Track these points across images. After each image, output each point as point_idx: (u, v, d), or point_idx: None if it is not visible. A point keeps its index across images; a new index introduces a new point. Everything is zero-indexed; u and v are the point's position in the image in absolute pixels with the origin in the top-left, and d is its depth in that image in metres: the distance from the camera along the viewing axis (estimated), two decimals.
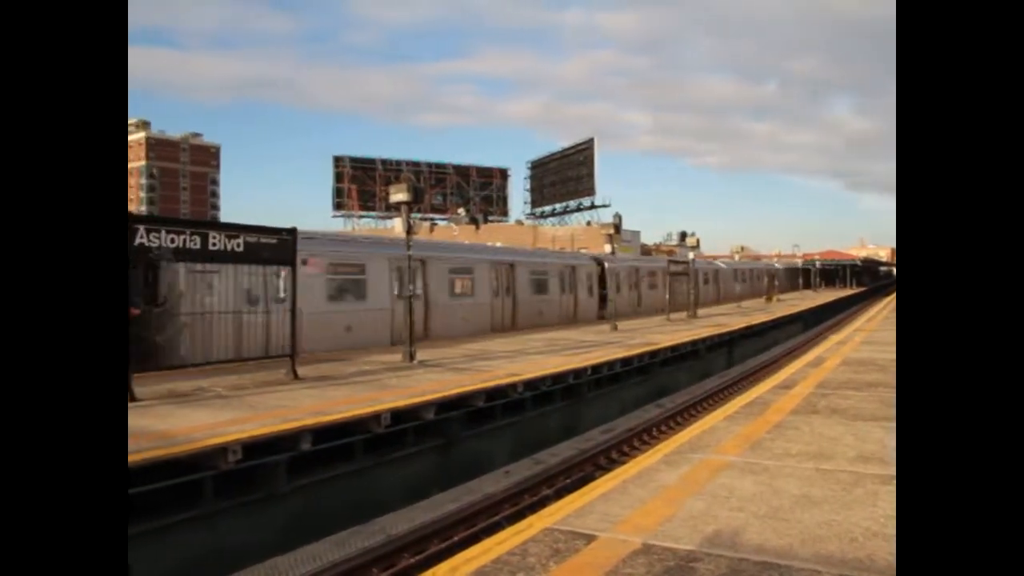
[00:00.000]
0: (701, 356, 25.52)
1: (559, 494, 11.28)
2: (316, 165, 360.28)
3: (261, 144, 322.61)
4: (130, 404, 11.01)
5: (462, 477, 12.57)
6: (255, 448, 9.25)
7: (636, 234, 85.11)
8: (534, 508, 10.69)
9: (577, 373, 16.93)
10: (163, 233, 11.66)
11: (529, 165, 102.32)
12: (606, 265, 34.57)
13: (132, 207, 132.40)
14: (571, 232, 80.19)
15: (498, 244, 43.69)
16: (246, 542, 9.35)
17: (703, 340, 25.55)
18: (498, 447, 14.39)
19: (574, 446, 14.94)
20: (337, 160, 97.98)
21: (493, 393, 13.86)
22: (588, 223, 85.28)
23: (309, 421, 10.09)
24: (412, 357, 16.47)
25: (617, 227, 59.53)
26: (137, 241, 11.27)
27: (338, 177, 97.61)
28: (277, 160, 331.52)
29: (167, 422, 9.80)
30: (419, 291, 21.50)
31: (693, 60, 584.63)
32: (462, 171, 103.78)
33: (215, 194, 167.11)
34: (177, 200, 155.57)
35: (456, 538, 9.50)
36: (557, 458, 13.74)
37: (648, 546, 5.47)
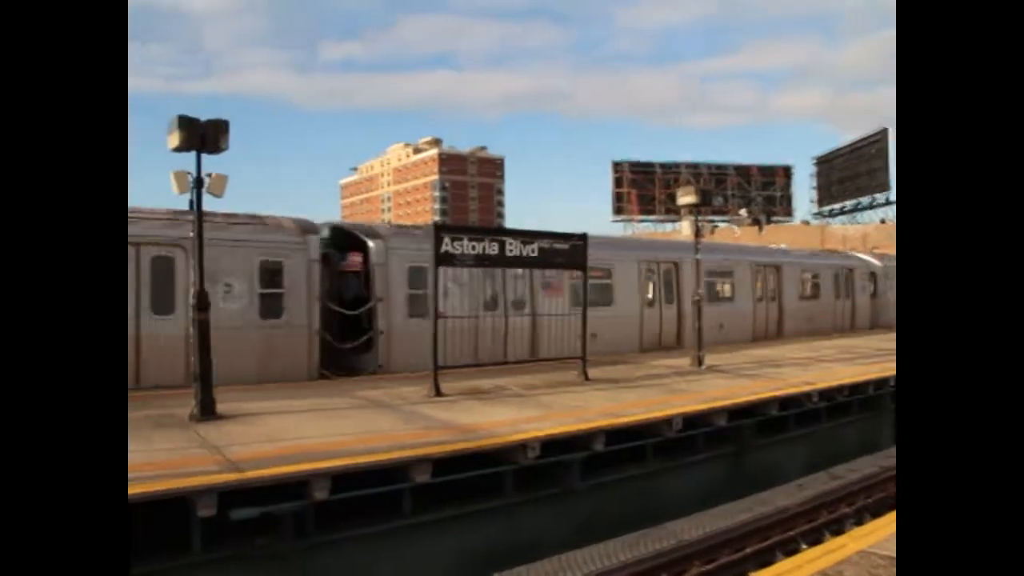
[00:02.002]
0: None
1: (859, 514, 10.56)
2: (593, 171, 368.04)
3: (540, 154, 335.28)
4: (436, 398, 11.96)
5: (752, 487, 12.16)
6: (552, 445, 9.62)
7: None
8: (832, 527, 10.08)
9: (878, 384, 15.72)
10: (465, 241, 12.51)
11: (814, 161, 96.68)
12: (878, 266, 30.93)
13: (426, 218, 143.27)
14: (863, 231, 74.63)
15: (782, 245, 41.64)
16: (541, 535, 9.74)
17: None
18: (791, 458, 13.76)
19: (875, 463, 13.86)
20: (616, 165, 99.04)
21: (787, 402, 13.29)
22: (882, 221, 78.89)
23: (603, 422, 10.32)
24: (700, 362, 16.25)
25: None
26: (442, 249, 12.22)
27: (617, 182, 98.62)
28: (555, 168, 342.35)
29: (471, 416, 10.51)
30: (672, 295, 21.03)
31: None
32: (743, 171, 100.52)
33: (500, 203, 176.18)
34: (466, 210, 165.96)
35: (748, 550, 9.21)
36: (856, 474, 12.84)
37: None
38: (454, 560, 9.05)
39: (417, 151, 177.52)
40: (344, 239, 16.27)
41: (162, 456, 8.12)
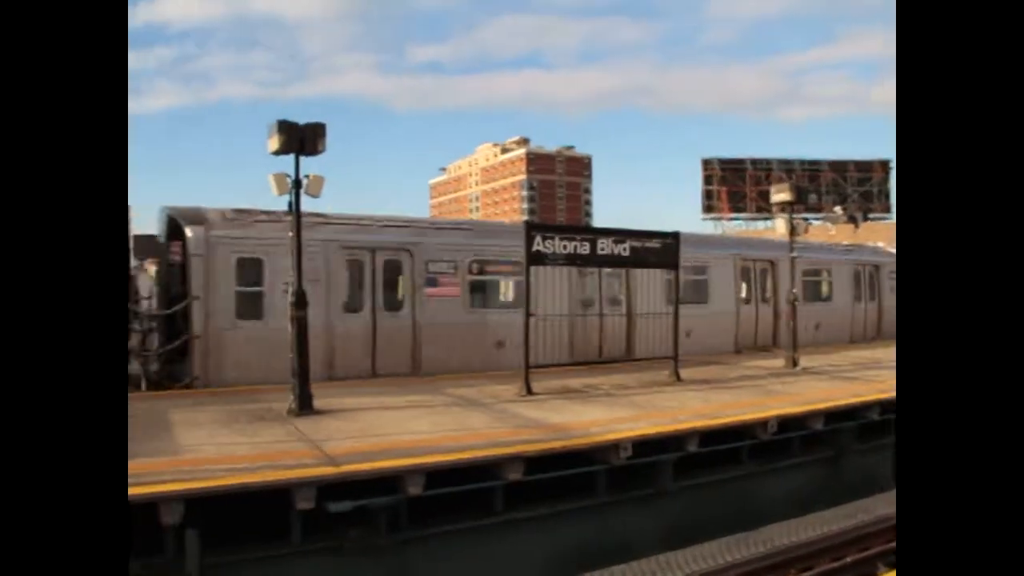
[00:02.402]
0: None
1: None
2: (682, 168, 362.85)
3: (628, 151, 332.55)
4: (527, 397, 12.01)
5: (851, 494, 11.76)
6: (645, 445, 9.54)
7: None
8: None
9: None
10: (556, 240, 12.51)
11: None
12: None
13: (514, 217, 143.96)
14: None
15: (879, 244, 40.21)
16: (632, 535, 9.65)
17: None
18: (892, 466, 13.27)
19: None
20: (706, 163, 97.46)
21: (889, 405, 12.82)
22: None
23: (697, 423, 10.17)
24: (795, 363, 15.85)
25: None
26: (534, 248, 12.25)
27: (707, 179, 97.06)
28: (643, 166, 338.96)
29: (562, 415, 10.51)
30: (768, 294, 20.50)
31: None
32: (837, 166, 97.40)
33: (587, 202, 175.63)
34: (554, 209, 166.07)
35: (848, 559, 8.93)
36: None
37: None
38: (544, 558, 9.06)
39: (505, 151, 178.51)
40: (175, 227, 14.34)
41: (264, 449, 8.41)
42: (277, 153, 10.43)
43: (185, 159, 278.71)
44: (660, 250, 13.76)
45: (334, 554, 7.96)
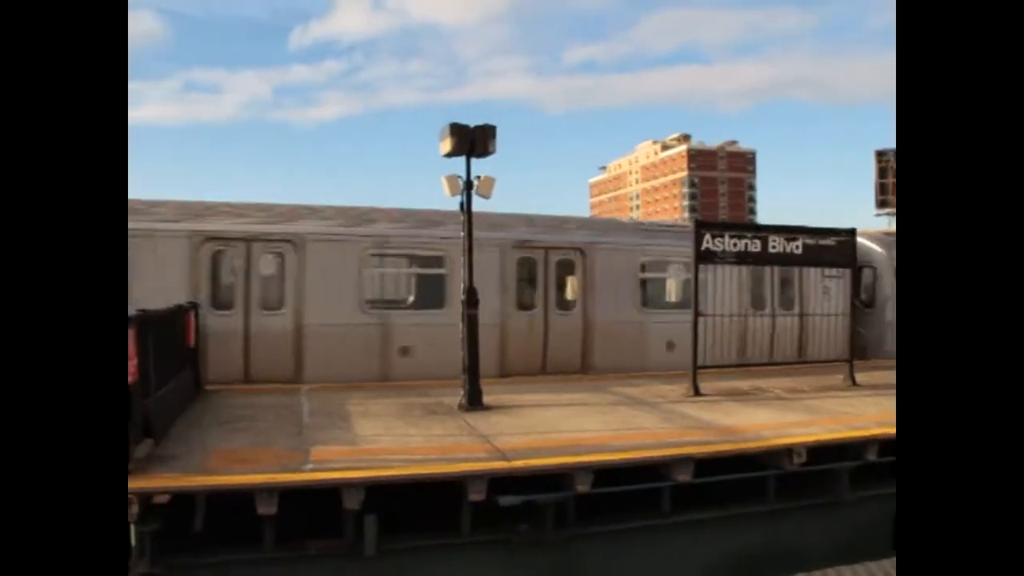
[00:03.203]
0: None
1: None
2: (852, 161, 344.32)
3: (793, 144, 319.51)
4: (694, 398, 11.82)
5: None
6: (820, 452, 9.16)
7: None
8: None
9: None
10: (726, 237, 12.24)
11: None
12: None
13: (675, 216, 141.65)
14: None
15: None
16: (804, 545, 9.30)
17: None
18: None
19: None
20: (879, 154, 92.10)
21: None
22: None
23: (877, 431, 9.66)
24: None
25: None
26: (703, 246, 12.05)
27: (881, 172, 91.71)
28: (809, 159, 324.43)
29: (732, 418, 10.28)
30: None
31: None
32: None
33: (752, 199, 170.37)
34: (716, 206, 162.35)
35: None
36: None
37: None
38: (710, 562, 8.88)
39: (665, 147, 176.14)
40: None
41: (437, 442, 8.73)
42: (449, 155, 10.78)
43: (354, 163, 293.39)
44: (835, 248, 13.16)
45: (503, 547, 8.14)
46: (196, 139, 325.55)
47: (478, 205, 11.21)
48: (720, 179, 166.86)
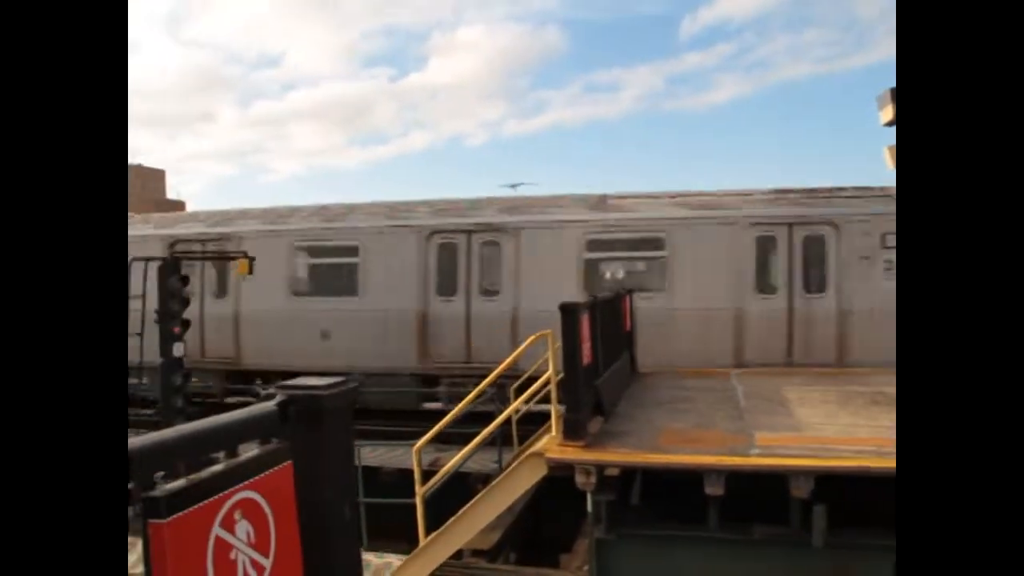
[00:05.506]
0: None
1: None
2: None
3: None
4: None
5: None
6: None
7: None
8: None
9: None
10: None
11: None
12: None
13: None
14: None
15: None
16: None
17: None
18: None
19: None
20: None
21: None
22: None
23: None
24: None
25: None
26: None
27: None
28: None
29: None
30: None
31: None
32: None
33: None
34: None
35: None
36: None
37: None
38: None
39: None
40: None
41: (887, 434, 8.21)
42: (890, 124, 10.09)
43: (752, 146, 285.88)
44: None
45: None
46: (594, 136, 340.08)
47: None
48: None
